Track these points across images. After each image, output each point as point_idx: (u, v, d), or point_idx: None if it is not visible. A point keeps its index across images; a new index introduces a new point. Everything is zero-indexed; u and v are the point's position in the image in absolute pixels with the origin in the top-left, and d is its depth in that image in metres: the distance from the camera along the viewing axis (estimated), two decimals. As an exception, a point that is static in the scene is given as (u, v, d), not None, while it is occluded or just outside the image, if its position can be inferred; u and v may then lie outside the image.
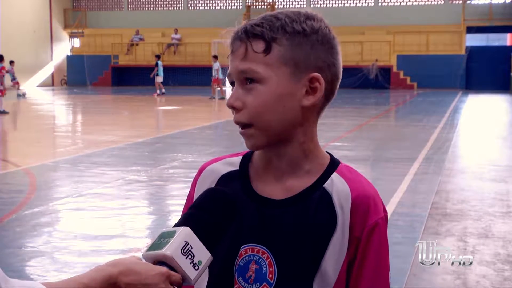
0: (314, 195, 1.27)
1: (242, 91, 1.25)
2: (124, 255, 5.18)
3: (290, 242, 1.26)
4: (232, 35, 1.28)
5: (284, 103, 1.25)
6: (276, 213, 1.28)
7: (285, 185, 1.29)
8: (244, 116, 1.25)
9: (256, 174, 1.33)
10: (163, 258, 1.15)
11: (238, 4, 35.39)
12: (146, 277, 1.13)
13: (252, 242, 1.28)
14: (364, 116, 18.01)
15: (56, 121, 18.49)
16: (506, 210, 6.90)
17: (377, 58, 31.51)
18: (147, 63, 34.46)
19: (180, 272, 1.15)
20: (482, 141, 12.94)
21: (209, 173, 1.38)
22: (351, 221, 1.25)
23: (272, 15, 1.26)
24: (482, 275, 4.82)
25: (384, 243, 1.28)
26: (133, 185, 7.97)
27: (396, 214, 6.60)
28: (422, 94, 27.49)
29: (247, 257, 1.28)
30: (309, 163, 1.30)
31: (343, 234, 1.25)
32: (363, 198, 1.27)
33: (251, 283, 1.27)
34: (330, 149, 11.26)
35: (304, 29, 1.25)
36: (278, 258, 1.26)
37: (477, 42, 34.31)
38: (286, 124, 1.26)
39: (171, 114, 19.63)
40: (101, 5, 38.32)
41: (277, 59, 1.24)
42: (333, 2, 34.78)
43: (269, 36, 1.23)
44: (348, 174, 1.32)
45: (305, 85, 1.26)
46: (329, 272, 1.25)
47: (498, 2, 32.34)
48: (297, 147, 1.29)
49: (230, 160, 1.38)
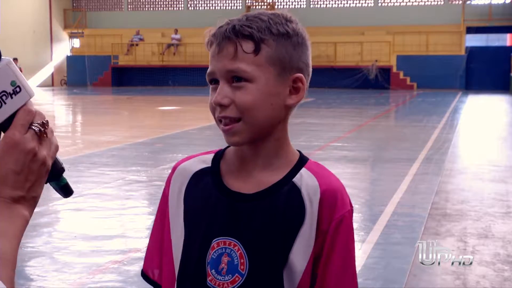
0: (283, 189, 1.31)
1: (228, 89, 1.27)
2: (124, 255, 5.19)
3: (259, 234, 1.30)
4: (214, 34, 1.30)
5: (271, 101, 1.29)
6: (247, 206, 1.31)
7: (256, 180, 1.33)
8: (233, 111, 1.27)
9: (228, 170, 1.37)
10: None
11: (238, 5, 35.39)
12: (11, 167, 1.01)
13: (224, 235, 1.31)
14: (364, 117, 18.01)
15: (56, 121, 18.50)
16: (505, 211, 6.90)
17: (377, 58, 31.51)
18: (147, 63, 34.49)
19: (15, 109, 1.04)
20: (482, 142, 12.94)
21: (182, 171, 1.41)
22: (319, 214, 1.29)
23: (254, 16, 1.29)
24: (482, 276, 4.82)
25: (350, 237, 1.32)
26: (133, 185, 7.97)
27: (396, 215, 6.60)
28: (422, 95, 27.50)
29: (219, 250, 1.31)
30: (280, 159, 1.34)
31: (311, 227, 1.29)
32: (331, 192, 1.31)
33: (223, 275, 1.30)
34: (330, 149, 11.27)
35: (287, 31, 1.29)
36: (249, 250, 1.30)
37: (477, 43, 34.31)
38: (271, 121, 1.30)
39: (171, 114, 19.63)
40: (101, 5, 38.32)
41: (265, 60, 1.27)
42: (333, 2, 34.77)
43: (258, 37, 1.26)
44: (316, 169, 1.35)
45: (289, 85, 1.31)
46: (297, 264, 1.28)
47: (498, 2, 32.35)
48: (272, 143, 1.33)
49: (203, 158, 1.42)
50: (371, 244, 5.53)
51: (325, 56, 32.46)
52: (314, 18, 34.24)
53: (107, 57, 35.01)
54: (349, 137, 13.22)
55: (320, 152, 10.85)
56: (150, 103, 23.68)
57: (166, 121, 17.09)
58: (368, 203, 7.25)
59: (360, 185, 8.39)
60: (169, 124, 15.94)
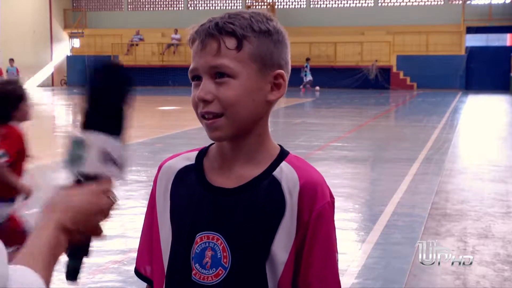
0: (263, 183, 1.33)
1: (212, 85, 1.30)
2: (124, 255, 5.19)
3: (241, 227, 1.32)
4: (196, 32, 1.33)
5: (253, 97, 1.31)
6: (229, 201, 1.34)
7: (237, 175, 1.35)
8: (216, 106, 1.29)
9: (211, 166, 1.40)
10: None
11: (238, 5, 35.40)
12: (80, 205, 1.14)
13: (207, 230, 1.34)
14: (364, 117, 18.01)
15: (56, 121, 18.50)
16: (505, 211, 6.90)
17: (377, 58, 31.51)
18: (147, 63, 34.50)
19: (105, 177, 1.19)
20: (482, 142, 12.94)
21: (167, 169, 1.45)
22: (299, 206, 1.31)
23: (236, 14, 1.33)
24: (482, 276, 4.82)
25: (331, 228, 1.34)
26: (133, 185, 7.96)
27: (396, 215, 6.60)
28: (422, 95, 27.50)
29: (202, 244, 1.34)
30: (261, 153, 1.37)
31: (292, 219, 1.31)
32: (310, 184, 1.32)
33: (207, 269, 1.33)
34: (330, 149, 11.27)
35: (268, 28, 1.32)
36: (231, 243, 1.32)
37: (477, 43, 34.31)
38: (253, 117, 1.33)
39: (171, 114, 19.64)
40: (101, 5, 38.33)
41: (247, 56, 1.30)
42: (333, 2, 34.77)
43: (241, 34, 1.29)
44: (296, 162, 1.37)
45: (270, 82, 1.33)
46: (279, 256, 1.30)
47: (498, 2, 32.35)
48: (254, 139, 1.35)
49: (187, 155, 1.45)
50: (371, 244, 5.53)
51: (325, 56, 32.48)
52: (314, 18, 34.26)
53: (107, 57, 34.93)
54: (349, 137, 13.22)
55: (320, 152, 10.85)
56: (150, 103, 23.68)
57: (166, 121, 17.10)
58: (368, 203, 7.25)
59: (360, 185, 8.39)
60: (169, 124, 15.94)
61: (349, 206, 6.97)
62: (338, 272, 1.34)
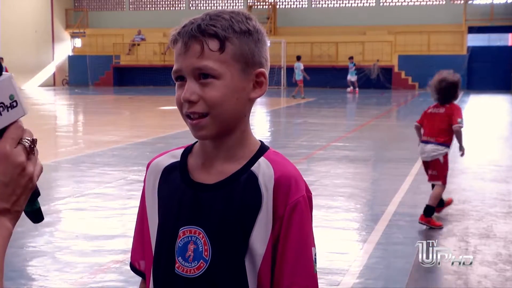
0: (241, 178, 1.37)
1: (196, 86, 1.33)
2: (125, 255, 5.19)
3: (221, 221, 1.36)
4: (179, 33, 1.35)
5: (237, 96, 1.35)
6: (209, 196, 1.38)
7: (218, 171, 1.40)
8: (201, 106, 1.33)
9: (194, 163, 1.44)
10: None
11: (240, 5, 35.39)
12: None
13: (189, 224, 1.39)
14: (365, 116, 18.00)
15: (57, 121, 18.51)
16: (507, 211, 6.90)
17: (378, 58, 31.48)
18: (149, 63, 34.50)
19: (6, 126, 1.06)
20: (483, 141, 12.93)
21: (155, 166, 1.50)
22: (274, 200, 1.34)
23: (216, 15, 1.37)
24: (484, 275, 4.82)
25: (306, 221, 1.36)
26: (135, 185, 7.97)
27: (397, 214, 6.60)
28: (423, 94, 27.46)
29: (185, 238, 1.38)
30: (242, 149, 1.41)
31: (268, 213, 1.34)
32: (285, 178, 1.36)
33: (190, 262, 1.37)
34: (332, 149, 11.26)
35: (248, 28, 1.36)
36: (212, 237, 1.36)
37: (479, 42, 34.30)
38: (237, 115, 1.37)
39: (173, 114, 19.63)
40: (103, 5, 38.34)
41: (230, 57, 1.33)
42: (335, 2, 34.75)
43: (223, 35, 1.33)
44: (274, 157, 1.41)
45: (252, 80, 1.38)
46: (257, 249, 1.34)
47: (500, 2, 32.32)
48: (236, 136, 1.39)
49: (173, 153, 1.50)
50: (372, 244, 5.53)
51: (326, 56, 32.47)
52: (315, 18, 34.25)
53: (108, 57, 35.01)
54: (350, 137, 13.22)
55: (322, 152, 10.85)
56: (151, 103, 23.68)
57: (167, 121, 17.08)
58: (369, 203, 7.24)
59: (361, 185, 8.38)
60: (170, 124, 15.92)
61: (350, 206, 6.97)
62: (313, 265, 1.36)
